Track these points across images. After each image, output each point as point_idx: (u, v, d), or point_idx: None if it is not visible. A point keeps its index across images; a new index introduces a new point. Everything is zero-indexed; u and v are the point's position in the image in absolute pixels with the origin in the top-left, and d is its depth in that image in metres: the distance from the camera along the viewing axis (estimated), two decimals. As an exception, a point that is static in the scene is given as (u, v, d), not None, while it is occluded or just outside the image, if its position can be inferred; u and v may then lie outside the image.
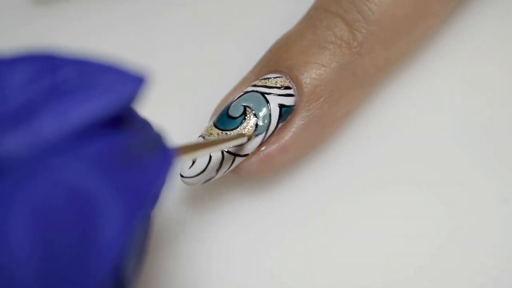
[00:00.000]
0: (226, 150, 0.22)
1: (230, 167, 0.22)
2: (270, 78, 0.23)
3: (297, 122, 0.23)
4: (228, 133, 0.22)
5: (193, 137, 0.24)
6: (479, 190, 0.24)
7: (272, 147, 0.23)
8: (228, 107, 0.23)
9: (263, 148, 0.23)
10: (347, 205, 0.24)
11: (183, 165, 0.23)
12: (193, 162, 0.22)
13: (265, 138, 0.23)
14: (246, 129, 0.22)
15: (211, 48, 0.28)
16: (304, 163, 0.25)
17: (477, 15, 0.27)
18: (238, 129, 0.22)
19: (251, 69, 0.24)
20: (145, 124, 0.17)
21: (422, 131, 0.25)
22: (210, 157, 0.22)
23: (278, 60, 0.23)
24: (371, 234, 0.24)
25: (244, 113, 0.22)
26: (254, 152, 0.23)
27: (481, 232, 0.23)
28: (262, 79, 0.23)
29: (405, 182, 0.25)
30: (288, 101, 0.23)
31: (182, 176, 0.23)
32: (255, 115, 0.22)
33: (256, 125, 0.22)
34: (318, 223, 0.24)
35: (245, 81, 0.24)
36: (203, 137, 0.23)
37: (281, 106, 0.23)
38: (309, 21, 0.24)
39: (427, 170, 0.25)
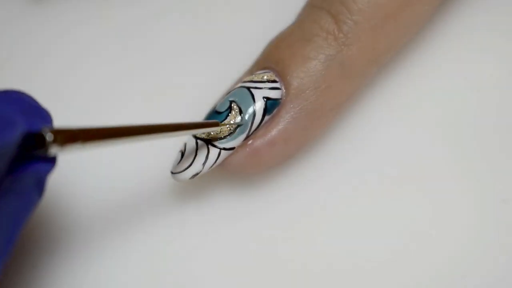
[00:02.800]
0: (211, 143, 0.22)
1: (216, 161, 0.23)
2: (258, 73, 0.23)
3: (284, 115, 0.23)
4: None
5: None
6: (479, 190, 0.24)
7: (259, 140, 0.23)
8: (216, 104, 0.23)
9: (250, 141, 0.23)
10: (340, 203, 0.24)
11: (173, 162, 0.23)
12: (181, 157, 0.23)
13: (251, 132, 0.23)
14: (231, 122, 0.23)
15: (211, 46, 0.28)
16: (296, 161, 0.25)
17: (474, 10, 0.27)
18: (225, 121, 0.23)
19: (246, 70, 0.25)
20: None
21: (419, 130, 0.25)
22: (196, 151, 0.23)
23: (267, 57, 0.24)
24: (366, 233, 0.24)
25: (230, 108, 0.23)
26: (241, 146, 0.23)
27: (481, 232, 0.23)
28: (251, 75, 0.24)
29: (400, 182, 0.24)
30: (273, 94, 0.23)
31: (171, 172, 0.23)
32: (239, 108, 0.23)
33: (241, 118, 0.23)
34: (311, 221, 0.24)
35: (238, 80, 0.24)
36: (193, 135, 0.23)
37: (266, 99, 0.23)
38: (298, 18, 0.24)
39: (424, 169, 0.24)
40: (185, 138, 0.23)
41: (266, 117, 0.23)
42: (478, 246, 0.23)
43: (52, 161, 0.18)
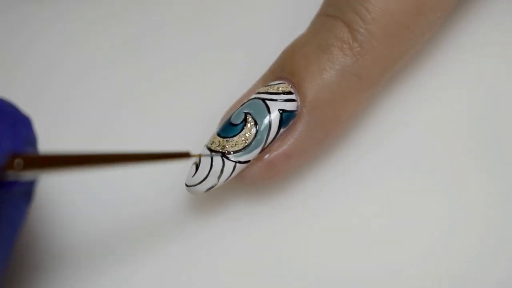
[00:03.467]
0: (227, 157, 0.22)
1: (231, 174, 0.22)
2: (273, 84, 0.23)
3: (299, 128, 0.23)
4: (229, 139, 0.22)
5: (196, 144, 0.24)
6: (480, 190, 0.24)
7: (275, 153, 0.23)
8: (231, 116, 0.23)
9: (266, 155, 0.23)
10: (355, 207, 0.24)
11: (188, 175, 0.23)
12: (196, 170, 0.23)
13: (267, 144, 0.22)
14: (247, 135, 0.22)
15: (214, 52, 0.28)
16: (308, 166, 0.25)
17: (481, 9, 0.27)
18: (238, 136, 0.22)
19: (258, 79, 0.25)
20: None
21: (422, 131, 0.25)
22: (212, 164, 0.22)
23: (282, 67, 0.24)
24: (375, 234, 0.24)
25: (245, 120, 0.23)
26: (256, 159, 0.23)
27: (481, 232, 0.23)
28: (265, 86, 0.23)
29: (403, 181, 0.24)
30: (289, 106, 0.23)
31: (186, 185, 0.23)
32: (255, 121, 0.22)
33: (256, 131, 0.22)
34: (321, 226, 0.24)
35: (252, 90, 0.24)
36: (206, 146, 0.23)
37: (282, 111, 0.22)
38: (312, 27, 0.24)
39: (427, 169, 0.24)
40: (199, 150, 0.23)
41: (282, 129, 0.23)
42: (478, 246, 0.23)
43: (11, 184, 0.18)
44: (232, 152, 0.22)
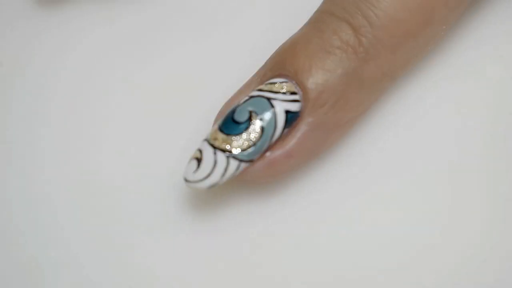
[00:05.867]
0: (232, 156, 0.22)
1: (235, 172, 0.22)
2: (276, 83, 0.23)
3: (302, 128, 0.23)
4: (233, 138, 0.22)
5: (195, 140, 0.24)
6: (480, 190, 0.24)
7: (277, 152, 0.23)
8: (233, 111, 0.23)
9: (268, 153, 0.23)
10: (357, 205, 0.24)
11: (187, 168, 0.23)
12: (198, 166, 0.22)
13: (270, 144, 0.23)
14: (252, 135, 0.22)
15: (212, 47, 0.28)
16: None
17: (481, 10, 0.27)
18: (243, 135, 0.22)
19: (256, 72, 0.24)
20: None
21: (421, 131, 0.26)
22: (216, 162, 0.22)
23: (284, 64, 0.23)
24: (376, 235, 0.24)
25: (250, 119, 0.23)
26: (258, 158, 0.23)
27: (481, 232, 0.24)
28: (267, 84, 0.23)
29: (402, 181, 0.25)
30: (293, 107, 0.23)
31: (186, 180, 0.23)
32: (260, 120, 0.22)
33: (262, 131, 0.22)
34: (324, 225, 0.24)
35: (249, 84, 0.24)
36: (208, 141, 0.23)
37: (287, 112, 0.23)
38: (315, 24, 0.24)
39: (427, 169, 0.25)
40: (199, 144, 0.23)
41: (285, 130, 0.23)
42: (478, 246, 0.24)
43: None
44: (237, 151, 0.22)
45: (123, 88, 0.27)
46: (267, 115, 0.22)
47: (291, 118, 0.23)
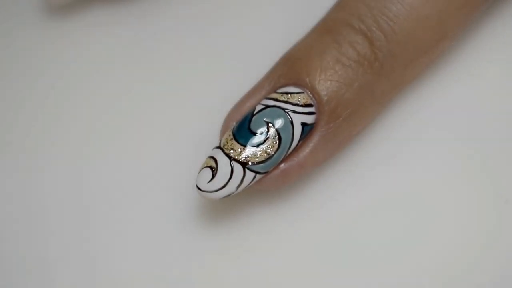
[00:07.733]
0: (249, 167, 0.22)
1: (250, 183, 0.22)
2: (293, 93, 0.23)
3: (315, 139, 0.23)
4: (251, 149, 0.22)
5: (197, 142, 0.24)
6: (481, 190, 0.25)
7: (291, 163, 0.23)
8: (249, 120, 0.23)
9: (282, 164, 0.23)
10: (360, 206, 0.25)
11: (200, 177, 0.23)
12: (213, 176, 0.22)
13: (285, 155, 0.23)
14: (269, 149, 0.22)
15: (215, 48, 0.28)
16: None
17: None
18: (261, 147, 0.22)
19: (265, 76, 0.24)
20: None
21: (422, 131, 0.26)
22: (232, 172, 0.22)
23: (299, 73, 0.23)
24: (377, 236, 0.24)
25: (267, 131, 0.22)
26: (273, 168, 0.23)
27: (482, 232, 0.24)
28: (284, 94, 0.23)
29: (403, 181, 0.25)
30: (309, 119, 0.23)
31: (199, 189, 0.22)
32: (278, 133, 0.22)
33: (279, 144, 0.22)
34: (328, 226, 0.25)
35: (259, 88, 0.24)
36: (222, 149, 0.22)
37: (303, 124, 0.23)
38: (330, 34, 0.24)
39: (427, 169, 0.25)
40: (212, 152, 0.23)
41: (300, 142, 0.23)
42: (479, 246, 0.24)
43: None
44: (254, 163, 0.22)
45: (127, 90, 0.27)
46: (285, 128, 0.22)
47: (306, 130, 0.23)
